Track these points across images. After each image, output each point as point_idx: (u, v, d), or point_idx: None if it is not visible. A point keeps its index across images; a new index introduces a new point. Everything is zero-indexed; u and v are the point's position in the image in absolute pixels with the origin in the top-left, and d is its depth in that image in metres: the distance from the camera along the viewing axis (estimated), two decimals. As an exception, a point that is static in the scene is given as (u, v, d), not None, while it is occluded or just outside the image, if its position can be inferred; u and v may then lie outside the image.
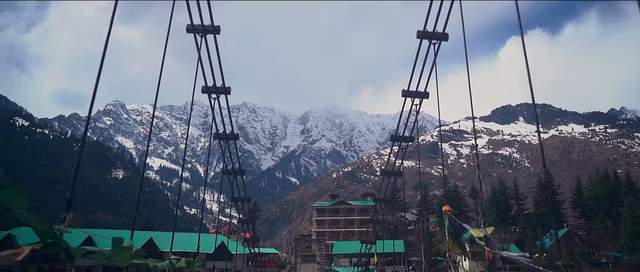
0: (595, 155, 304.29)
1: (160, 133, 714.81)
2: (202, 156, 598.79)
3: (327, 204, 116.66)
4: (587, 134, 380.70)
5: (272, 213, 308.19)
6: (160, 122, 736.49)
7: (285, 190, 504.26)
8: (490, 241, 4.68)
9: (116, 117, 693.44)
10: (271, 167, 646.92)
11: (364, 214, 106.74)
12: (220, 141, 11.53)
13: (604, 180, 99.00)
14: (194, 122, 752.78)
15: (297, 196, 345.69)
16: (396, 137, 10.41)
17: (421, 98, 9.52)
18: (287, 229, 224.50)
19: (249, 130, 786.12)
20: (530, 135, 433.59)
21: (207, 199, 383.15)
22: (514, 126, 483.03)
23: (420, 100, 9.57)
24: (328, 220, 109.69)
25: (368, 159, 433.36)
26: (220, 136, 11.42)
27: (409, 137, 10.49)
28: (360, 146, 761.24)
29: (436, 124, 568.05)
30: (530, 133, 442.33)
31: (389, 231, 58.24)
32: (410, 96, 9.31)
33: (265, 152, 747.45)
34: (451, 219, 5.67)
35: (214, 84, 10.17)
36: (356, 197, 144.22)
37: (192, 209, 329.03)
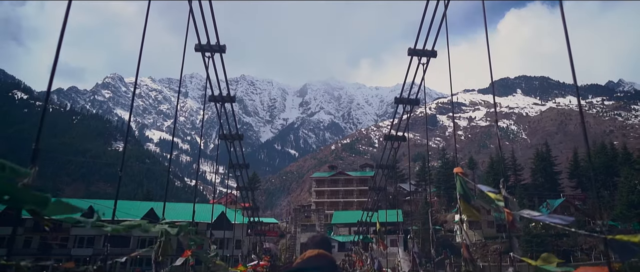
0: (592, 127, 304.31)
1: (160, 106, 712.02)
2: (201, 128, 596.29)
3: (326, 175, 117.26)
4: (584, 106, 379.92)
5: (272, 184, 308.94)
6: (159, 95, 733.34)
7: (285, 162, 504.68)
8: (510, 202, 4.18)
9: (115, 91, 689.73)
10: (270, 140, 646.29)
11: (362, 184, 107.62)
12: (216, 104, 11.01)
13: (600, 151, 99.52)
14: (193, 94, 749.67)
15: (296, 168, 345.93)
16: (400, 99, 10.51)
17: (428, 57, 9.06)
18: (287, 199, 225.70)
19: (247, 103, 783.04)
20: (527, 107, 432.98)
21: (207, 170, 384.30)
22: (512, 99, 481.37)
23: (428, 59, 9.12)
24: (327, 191, 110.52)
25: (366, 131, 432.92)
26: (215, 99, 10.85)
27: (414, 100, 10.49)
28: (359, 118, 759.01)
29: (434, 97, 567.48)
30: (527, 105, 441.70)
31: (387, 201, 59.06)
32: (417, 55, 8.87)
33: (264, 125, 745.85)
34: (462, 181, 5.26)
35: (208, 42, 9.60)
36: (355, 168, 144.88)
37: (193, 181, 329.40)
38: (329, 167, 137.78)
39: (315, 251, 3.30)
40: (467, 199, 5.19)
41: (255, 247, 25.42)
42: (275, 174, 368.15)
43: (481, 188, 4.81)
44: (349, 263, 23.32)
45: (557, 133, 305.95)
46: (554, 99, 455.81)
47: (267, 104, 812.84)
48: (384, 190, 16.39)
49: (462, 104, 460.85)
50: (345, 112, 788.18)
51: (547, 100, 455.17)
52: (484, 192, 5.12)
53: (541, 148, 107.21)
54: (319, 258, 3.22)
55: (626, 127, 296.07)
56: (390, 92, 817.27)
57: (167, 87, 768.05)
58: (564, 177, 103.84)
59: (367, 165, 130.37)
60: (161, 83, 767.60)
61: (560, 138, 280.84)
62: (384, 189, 16.27)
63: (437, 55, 8.89)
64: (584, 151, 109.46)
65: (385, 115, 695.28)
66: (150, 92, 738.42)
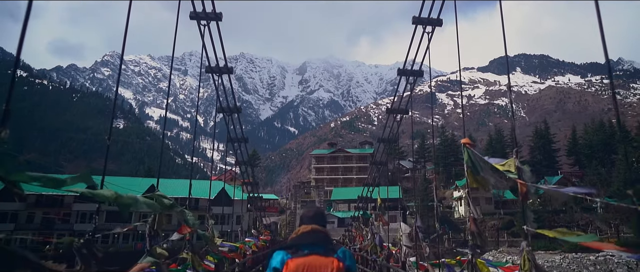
0: (590, 105, 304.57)
1: (159, 84, 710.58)
2: (201, 105, 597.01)
3: (326, 152, 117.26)
4: (583, 84, 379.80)
5: (272, 161, 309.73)
6: (158, 73, 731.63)
7: (284, 139, 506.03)
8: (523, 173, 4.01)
9: (114, 68, 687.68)
10: (270, 117, 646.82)
11: (362, 161, 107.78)
12: (213, 77, 10.59)
13: (599, 129, 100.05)
14: (192, 72, 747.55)
15: (295, 145, 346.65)
16: (404, 71, 10.22)
17: (434, 25, 8.70)
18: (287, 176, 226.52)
19: (247, 81, 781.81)
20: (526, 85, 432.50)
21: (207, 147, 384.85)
22: (511, 77, 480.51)
23: (433, 28, 8.76)
24: (327, 167, 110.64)
25: (366, 109, 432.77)
26: (213, 70, 10.39)
27: (418, 71, 10.19)
28: (358, 96, 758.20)
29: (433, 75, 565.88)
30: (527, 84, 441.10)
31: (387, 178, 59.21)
32: (422, 23, 8.46)
33: (264, 103, 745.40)
34: (470, 153, 5.04)
35: (203, 9, 9.17)
36: (354, 146, 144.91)
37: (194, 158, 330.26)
38: (329, 144, 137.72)
39: (308, 226, 3.27)
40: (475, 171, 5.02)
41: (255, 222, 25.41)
42: (275, 151, 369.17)
43: (491, 160, 4.69)
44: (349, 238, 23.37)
45: (555, 111, 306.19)
46: (553, 78, 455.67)
47: (267, 81, 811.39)
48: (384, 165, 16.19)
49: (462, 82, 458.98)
50: (344, 90, 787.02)
51: (546, 79, 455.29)
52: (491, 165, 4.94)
53: (540, 126, 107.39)
54: (311, 234, 3.20)
55: (624, 106, 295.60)
56: (389, 70, 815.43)
57: (167, 65, 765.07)
58: (562, 155, 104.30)
59: (366, 142, 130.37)
60: (160, 61, 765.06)
61: (558, 116, 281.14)
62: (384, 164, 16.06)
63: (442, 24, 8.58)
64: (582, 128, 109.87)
65: (385, 93, 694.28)
66: (150, 70, 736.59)
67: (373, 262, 12.81)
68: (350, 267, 3.12)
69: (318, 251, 3.09)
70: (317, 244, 3.13)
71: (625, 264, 36.25)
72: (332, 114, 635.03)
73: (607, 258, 39.18)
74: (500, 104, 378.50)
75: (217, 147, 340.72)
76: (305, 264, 3.00)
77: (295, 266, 2.99)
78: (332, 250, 3.15)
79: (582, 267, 37.73)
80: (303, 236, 3.21)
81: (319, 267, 2.99)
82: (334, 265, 3.00)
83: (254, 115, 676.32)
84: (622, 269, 35.23)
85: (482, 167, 4.98)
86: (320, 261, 3.02)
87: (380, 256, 12.57)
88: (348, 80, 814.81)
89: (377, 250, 13.15)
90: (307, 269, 2.98)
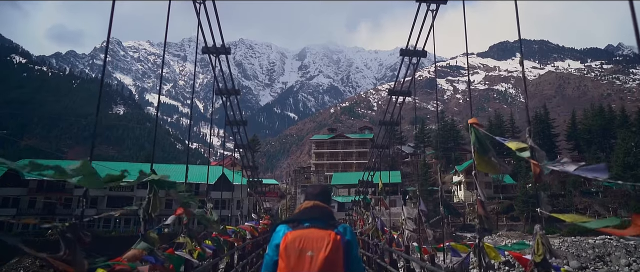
0: (589, 90, 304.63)
1: (159, 70, 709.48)
2: (201, 91, 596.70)
3: (326, 138, 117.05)
4: (582, 70, 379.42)
5: (272, 147, 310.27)
6: (158, 59, 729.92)
7: (284, 125, 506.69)
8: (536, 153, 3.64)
9: (113, 54, 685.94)
10: (270, 103, 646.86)
11: (361, 146, 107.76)
12: (210, 57, 10.23)
13: (598, 114, 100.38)
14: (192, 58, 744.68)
15: (295, 131, 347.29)
16: (406, 51, 9.99)
17: (438, 3, 8.44)
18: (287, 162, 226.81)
19: (246, 67, 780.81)
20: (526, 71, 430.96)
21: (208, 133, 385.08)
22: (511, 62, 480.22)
23: (437, 5, 8.48)
24: (326, 153, 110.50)
25: (365, 95, 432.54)
26: (209, 50, 10.02)
27: (421, 52, 9.96)
28: (358, 82, 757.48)
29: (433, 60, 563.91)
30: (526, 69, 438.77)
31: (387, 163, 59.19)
32: (426, 0, 8.31)
33: (264, 88, 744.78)
34: (478, 133, 4.80)
35: None
36: (354, 131, 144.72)
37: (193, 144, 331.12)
38: (328, 130, 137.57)
39: (311, 202, 3.35)
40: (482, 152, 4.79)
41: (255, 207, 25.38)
42: (274, 137, 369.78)
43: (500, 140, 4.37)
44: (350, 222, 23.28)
45: (555, 96, 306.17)
46: (553, 63, 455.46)
47: (266, 67, 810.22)
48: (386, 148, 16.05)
49: (460, 68, 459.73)
50: (344, 75, 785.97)
51: (545, 64, 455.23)
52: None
53: (539, 111, 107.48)
54: (313, 209, 3.27)
55: (624, 91, 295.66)
56: (389, 55, 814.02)
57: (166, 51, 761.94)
58: (561, 140, 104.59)
59: (366, 128, 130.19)
60: (159, 47, 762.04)
61: (558, 101, 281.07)
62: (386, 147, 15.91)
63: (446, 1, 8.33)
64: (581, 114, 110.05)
65: (384, 78, 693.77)
66: (149, 56, 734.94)
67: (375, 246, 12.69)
68: (350, 242, 3.16)
69: (318, 224, 3.14)
70: (318, 219, 3.19)
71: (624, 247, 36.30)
72: (331, 100, 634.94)
73: (605, 241, 39.27)
74: (500, 89, 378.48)
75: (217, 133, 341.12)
76: (302, 236, 3.04)
77: (293, 237, 3.04)
78: (333, 225, 3.19)
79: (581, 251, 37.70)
80: (305, 211, 3.28)
81: (316, 240, 3.02)
82: (330, 238, 3.03)
83: (254, 101, 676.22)
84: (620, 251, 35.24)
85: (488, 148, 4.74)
86: (317, 233, 3.06)
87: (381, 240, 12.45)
88: (347, 66, 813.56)
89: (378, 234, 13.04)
90: (303, 241, 3.02)
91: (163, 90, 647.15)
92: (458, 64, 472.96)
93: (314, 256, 2.97)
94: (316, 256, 2.97)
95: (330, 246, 2.99)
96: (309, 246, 3.00)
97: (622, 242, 38.47)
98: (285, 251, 3.01)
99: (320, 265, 2.94)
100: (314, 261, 2.95)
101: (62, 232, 2.69)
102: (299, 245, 3.01)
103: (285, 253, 3.01)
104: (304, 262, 2.95)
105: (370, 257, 12.62)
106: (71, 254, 2.61)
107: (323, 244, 3.01)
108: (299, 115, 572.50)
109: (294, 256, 2.98)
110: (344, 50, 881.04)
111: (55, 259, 2.52)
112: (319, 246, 3.00)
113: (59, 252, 2.57)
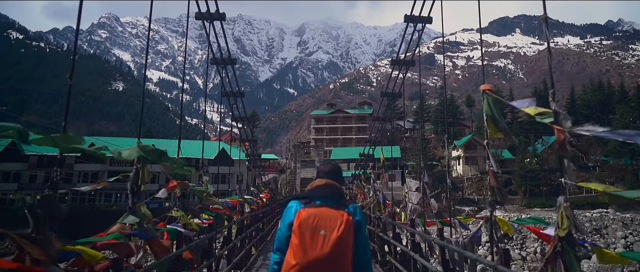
0: (588, 66, 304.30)
1: (157, 46, 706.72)
2: (200, 68, 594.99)
3: (325, 113, 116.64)
4: (582, 46, 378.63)
5: (271, 122, 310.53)
6: (156, 35, 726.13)
7: (284, 101, 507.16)
8: (561, 117, 3.28)
9: (111, 30, 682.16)
10: (269, 79, 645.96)
11: (361, 121, 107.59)
12: (204, 23, 9.97)
13: (597, 89, 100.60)
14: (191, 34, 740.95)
15: (295, 106, 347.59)
16: (411, 17, 9.67)
17: None
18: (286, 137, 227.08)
19: (245, 43, 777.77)
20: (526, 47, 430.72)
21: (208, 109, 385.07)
22: (510, 38, 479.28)
23: None
24: (326, 128, 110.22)
25: (364, 71, 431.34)
26: (203, 16, 9.82)
27: (426, 18, 9.65)
28: (357, 58, 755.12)
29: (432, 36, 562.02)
30: (526, 45, 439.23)
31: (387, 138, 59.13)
32: None
33: (263, 64, 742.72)
34: (491, 101, 4.53)
35: None
36: (353, 107, 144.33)
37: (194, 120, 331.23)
38: (328, 105, 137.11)
39: (323, 180, 3.37)
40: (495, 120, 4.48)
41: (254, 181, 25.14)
42: (274, 113, 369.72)
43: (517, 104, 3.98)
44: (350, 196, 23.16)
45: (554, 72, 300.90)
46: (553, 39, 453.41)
47: (265, 43, 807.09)
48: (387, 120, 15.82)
49: (460, 44, 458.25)
50: (343, 51, 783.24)
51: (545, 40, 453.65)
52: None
53: (539, 87, 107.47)
54: (325, 187, 3.30)
55: (622, 67, 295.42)
56: (388, 31, 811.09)
57: (164, 26, 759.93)
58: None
59: (365, 103, 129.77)
60: (157, 23, 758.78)
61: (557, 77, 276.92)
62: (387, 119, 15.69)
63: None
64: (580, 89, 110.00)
65: (384, 54, 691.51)
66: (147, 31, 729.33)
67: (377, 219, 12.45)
68: (360, 222, 3.15)
69: (330, 203, 3.14)
70: (329, 197, 3.18)
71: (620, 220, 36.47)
72: (331, 76, 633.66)
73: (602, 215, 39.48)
74: (499, 65, 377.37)
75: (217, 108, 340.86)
76: (316, 214, 3.04)
77: (307, 214, 3.04)
78: (344, 204, 3.19)
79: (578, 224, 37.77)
80: (317, 189, 3.27)
81: (329, 219, 3.03)
82: (343, 218, 3.03)
83: (253, 76, 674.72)
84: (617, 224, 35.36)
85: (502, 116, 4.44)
86: (331, 212, 3.07)
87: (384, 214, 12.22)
88: (347, 41, 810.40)
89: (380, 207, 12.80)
90: (318, 219, 3.02)
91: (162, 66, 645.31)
92: (457, 39, 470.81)
93: (326, 235, 2.98)
94: (329, 235, 2.98)
95: (343, 226, 3.00)
96: (322, 224, 3.01)
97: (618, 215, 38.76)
98: (299, 228, 3.01)
99: (333, 244, 2.96)
100: (327, 240, 2.97)
101: (31, 206, 2.35)
102: (313, 223, 3.01)
103: (299, 230, 3.01)
104: (318, 240, 2.97)
105: (372, 230, 12.38)
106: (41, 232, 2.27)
107: (336, 224, 3.02)
108: (298, 91, 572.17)
109: (308, 234, 2.99)
110: (343, 26, 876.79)
111: (21, 238, 2.18)
112: (332, 226, 3.01)
113: (27, 230, 2.23)
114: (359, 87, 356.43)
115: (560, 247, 3.27)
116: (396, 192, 21.16)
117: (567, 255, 3.22)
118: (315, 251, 2.94)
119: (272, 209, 24.33)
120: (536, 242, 32.11)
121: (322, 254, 2.92)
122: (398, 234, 10.58)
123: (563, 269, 3.20)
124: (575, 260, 3.23)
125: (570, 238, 3.28)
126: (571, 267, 3.18)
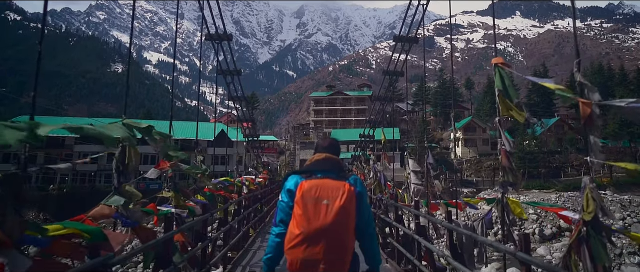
0: (588, 49, 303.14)
1: (156, 28, 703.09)
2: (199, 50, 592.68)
3: (324, 95, 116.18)
4: (582, 28, 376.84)
5: (271, 104, 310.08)
6: (154, 17, 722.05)
7: (283, 83, 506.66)
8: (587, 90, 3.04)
9: (109, 12, 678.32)
10: (268, 61, 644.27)
11: (360, 103, 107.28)
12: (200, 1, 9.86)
13: (597, 72, 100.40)
14: (189, 15, 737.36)
15: (294, 88, 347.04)
16: None
17: None
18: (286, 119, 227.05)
19: (244, 25, 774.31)
20: (525, 29, 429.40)
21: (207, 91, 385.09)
22: (510, 21, 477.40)
23: None
24: (325, 110, 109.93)
25: (364, 53, 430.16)
26: None
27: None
28: (356, 40, 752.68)
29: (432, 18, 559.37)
30: (526, 28, 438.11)
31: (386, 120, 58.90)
32: None
33: (262, 46, 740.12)
34: (504, 74, 4.41)
35: None
36: (352, 89, 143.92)
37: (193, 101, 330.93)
38: (327, 87, 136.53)
39: (322, 154, 3.39)
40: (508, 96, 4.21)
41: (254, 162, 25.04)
42: (273, 95, 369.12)
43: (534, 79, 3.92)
44: (350, 177, 23.00)
45: (553, 55, 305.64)
46: (552, 22, 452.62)
47: (264, 25, 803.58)
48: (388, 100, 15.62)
49: (460, 26, 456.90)
50: (342, 33, 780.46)
51: (545, 23, 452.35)
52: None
53: (538, 69, 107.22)
54: (325, 161, 3.31)
55: (622, 50, 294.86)
56: (388, 13, 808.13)
57: (162, 8, 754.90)
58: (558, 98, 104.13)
59: (364, 85, 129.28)
60: (156, 4, 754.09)
61: (556, 60, 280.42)
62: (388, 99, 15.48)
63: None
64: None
65: (383, 36, 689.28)
66: (146, 13, 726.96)
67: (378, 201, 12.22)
68: (361, 193, 3.17)
69: (330, 175, 3.17)
70: (330, 170, 3.22)
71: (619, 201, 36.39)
72: (330, 58, 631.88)
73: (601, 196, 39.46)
74: (499, 47, 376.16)
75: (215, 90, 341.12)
76: (318, 185, 3.06)
77: (309, 186, 3.06)
78: (344, 177, 3.21)
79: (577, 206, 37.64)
80: (317, 163, 3.31)
81: (331, 189, 3.05)
82: (345, 188, 3.05)
83: (252, 59, 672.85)
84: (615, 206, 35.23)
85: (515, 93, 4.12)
86: (332, 183, 3.08)
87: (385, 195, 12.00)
88: (346, 23, 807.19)
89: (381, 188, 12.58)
90: (320, 189, 3.04)
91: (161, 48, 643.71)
92: (457, 22, 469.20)
93: (329, 205, 2.99)
94: (332, 205, 3.00)
95: (345, 195, 3.00)
96: (324, 195, 3.02)
97: (616, 196, 38.74)
98: (301, 198, 3.01)
99: (336, 213, 2.96)
100: (330, 209, 2.98)
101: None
102: (315, 193, 3.02)
103: (302, 201, 3.01)
104: (320, 210, 2.98)
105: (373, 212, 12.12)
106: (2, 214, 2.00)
107: (338, 194, 3.02)
108: (297, 73, 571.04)
109: (311, 204, 2.99)
110: (343, 7, 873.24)
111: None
112: (335, 196, 3.01)
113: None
114: (358, 69, 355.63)
115: (585, 233, 2.97)
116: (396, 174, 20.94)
117: (593, 241, 2.92)
118: (319, 220, 2.94)
119: (271, 190, 24.15)
120: (534, 224, 32.06)
121: (326, 223, 2.92)
122: (400, 216, 10.35)
123: (588, 257, 2.90)
124: (602, 248, 2.91)
125: (597, 223, 2.97)
126: (598, 255, 2.86)
